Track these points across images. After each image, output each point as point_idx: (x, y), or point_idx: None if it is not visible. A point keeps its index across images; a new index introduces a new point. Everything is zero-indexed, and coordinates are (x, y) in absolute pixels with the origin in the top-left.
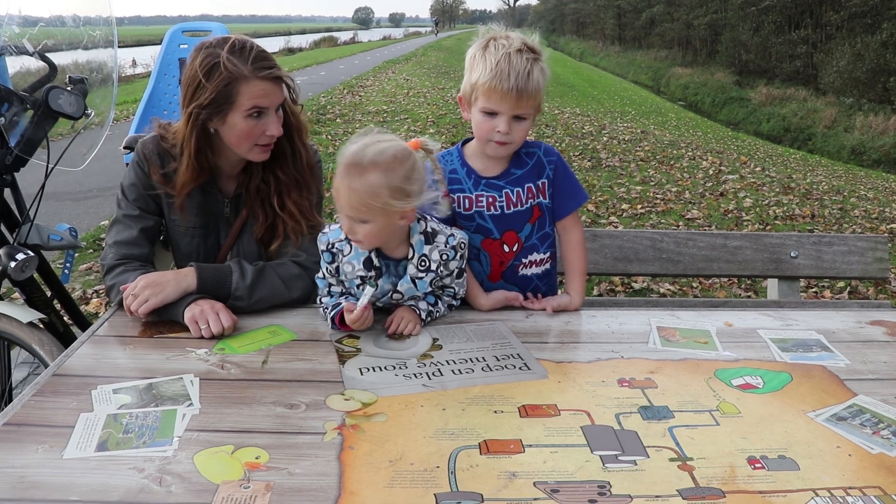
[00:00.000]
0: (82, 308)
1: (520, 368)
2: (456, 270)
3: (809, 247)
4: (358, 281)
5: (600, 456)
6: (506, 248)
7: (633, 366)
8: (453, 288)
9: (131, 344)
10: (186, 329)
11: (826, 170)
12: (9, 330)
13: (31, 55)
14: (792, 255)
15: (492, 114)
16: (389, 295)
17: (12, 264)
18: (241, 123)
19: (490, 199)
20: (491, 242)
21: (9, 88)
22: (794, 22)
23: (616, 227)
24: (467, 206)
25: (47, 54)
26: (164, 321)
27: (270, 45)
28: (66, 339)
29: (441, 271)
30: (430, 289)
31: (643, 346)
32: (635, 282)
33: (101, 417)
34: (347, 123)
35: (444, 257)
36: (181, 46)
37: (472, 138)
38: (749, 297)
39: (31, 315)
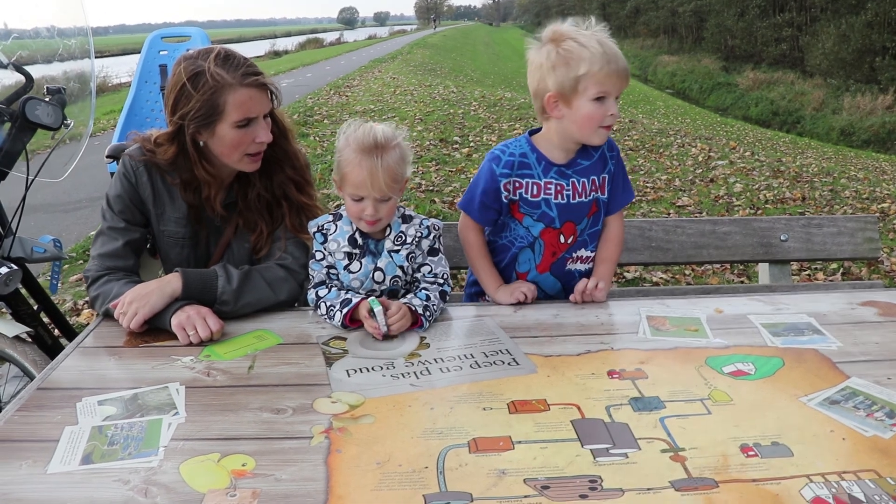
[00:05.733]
0: (73, 319)
1: (508, 364)
2: (428, 248)
3: (799, 229)
4: (345, 261)
5: (591, 450)
6: (562, 239)
7: (623, 357)
8: (429, 265)
9: (117, 354)
10: (174, 336)
11: (816, 152)
12: None
13: (5, 67)
14: (782, 238)
15: (601, 99)
16: (371, 275)
17: None
18: (229, 133)
19: (558, 188)
20: (550, 231)
21: None
22: (778, 5)
23: None
24: (535, 192)
25: (24, 66)
26: (150, 330)
27: (256, 48)
28: (54, 352)
29: (414, 249)
30: (406, 264)
31: (633, 337)
32: (627, 271)
33: (86, 430)
34: (335, 124)
35: (419, 234)
36: (161, 53)
37: (538, 129)
38: (742, 282)
39: (16, 329)
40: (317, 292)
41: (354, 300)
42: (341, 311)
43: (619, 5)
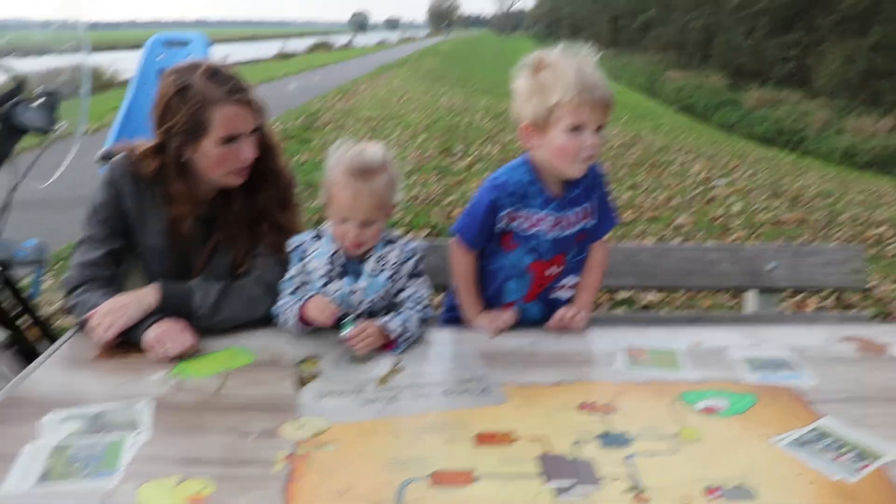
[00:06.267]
0: (62, 321)
1: (479, 393)
2: (410, 272)
3: (787, 258)
4: (324, 279)
5: (555, 487)
6: (551, 271)
7: (597, 389)
8: (410, 288)
9: (89, 367)
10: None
11: (817, 172)
12: None
13: None
14: (769, 267)
15: (577, 129)
16: (349, 296)
17: None
18: (214, 150)
19: (555, 221)
20: (540, 264)
21: None
22: (786, 25)
23: None
24: (531, 225)
25: (17, 64)
26: (125, 342)
27: (266, 49)
28: (32, 357)
29: (396, 272)
30: (387, 287)
31: (608, 368)
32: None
33: (47, 447)
34: (339, 130)
35: (402, 258)
36: (160, 57)
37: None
38: (734, 305)
39: None
40: (279, 303)
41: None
42: (295, 307)
43: (629, 19)
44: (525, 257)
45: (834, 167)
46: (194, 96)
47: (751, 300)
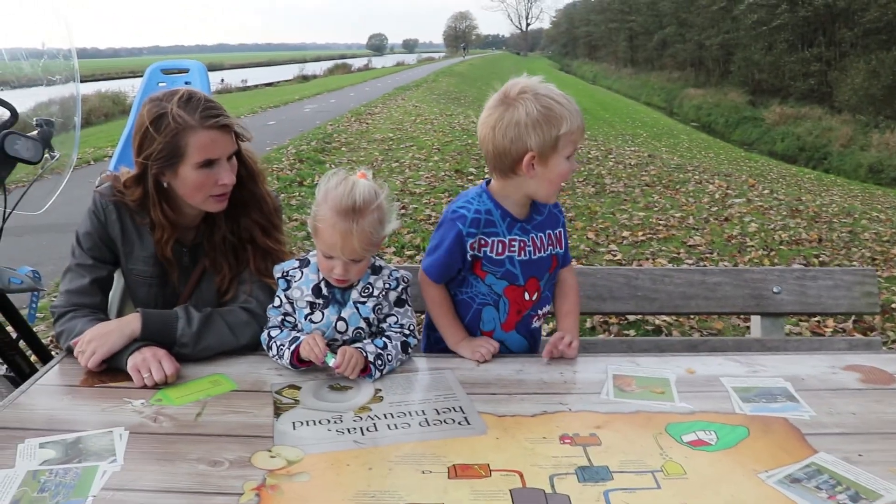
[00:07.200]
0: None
1: (459, 423)
2: (395, 299)
3: (793, 282)
4: (307, 309)
5: None
6: (527, 297)
7: (580, 420)
8: (395, 316)
9: (71, 393)
10: (130, 377)
11: (841, 189)
12: None
13: None
14: (774, 290)
15: (570, 156)
16: (334, 325)
17: None
18: (192, 175)
19: (521, 244)
20: (514, 289)
21: None
22: (807, 40)
23: (615, 255)
24: (500, 250)
25: (7, 96)
26: (109, 369)
27: (285, 72)
28: None
29: (381, 301)
30: (371, 315)
31: (595, 398)
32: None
33: (21, 474)
34: (352, 152)
35: (387, 286)
36: (160, 85)
37: (489, 180)
38: (746, 328)
39: None
40: (269, 332)
41: (303, 337)
42: (289, 349)
43: (646, 38)
44: (497, 283)
45: (858, 184)
46: (169, 123)
47: (755, 325)
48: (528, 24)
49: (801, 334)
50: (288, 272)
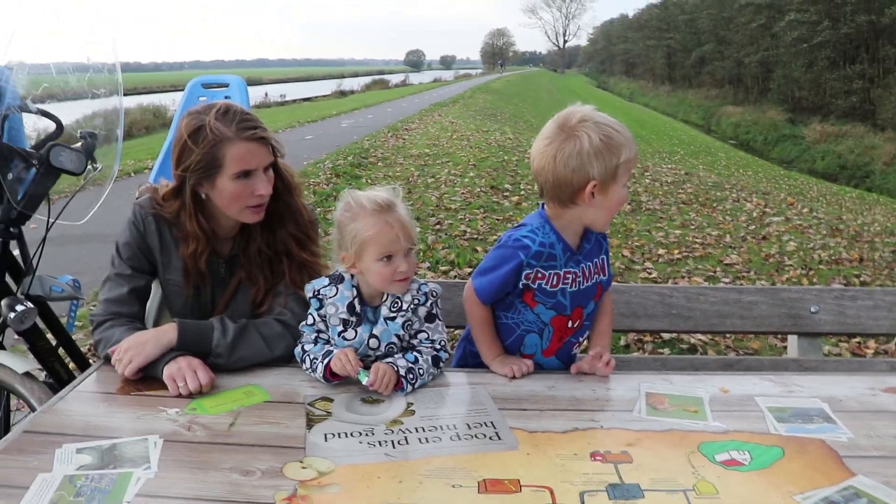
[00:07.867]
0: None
1: (490, 438)
2: (425, 315)
3: (831, 301)
4: (340, 327)
5: None
6: (570, 325)
7: (611, 437)
8: (426, 332)
9: (107, 401)
10: (166, 386)
11: (884, 208)
12: (5, 379)
13: (34, 114)
14: (812, 310)
15: (626, 182)
16: (366, 342)
17: (12, 315)
18: (229, 186)
19: (574, 276)
20: (560, 319)
21: (11, 146)
22: (848, 57)
23: (650, 273)
24: (555, 282)
25: (54, 108)
26: (145, 378)
27: (324, 87)
28: None
29: (411, 316)
30: (402, 332)
31: (627, 415)
32: (659, 337)
33: (58, 479)
34: (389, 167)
35: (416, 301)
36: (200, 99)
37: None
38: (785, 347)
39: (27, 365)
40: (303, 346)
41: (336, 350)
42: (322, 363)
43: (684, 55)
44: (546, 313)
45: None
46: (207, 135)
47: (792, 345)
48: (565, 42)
49: (841, 355)
50: (319, 291)
